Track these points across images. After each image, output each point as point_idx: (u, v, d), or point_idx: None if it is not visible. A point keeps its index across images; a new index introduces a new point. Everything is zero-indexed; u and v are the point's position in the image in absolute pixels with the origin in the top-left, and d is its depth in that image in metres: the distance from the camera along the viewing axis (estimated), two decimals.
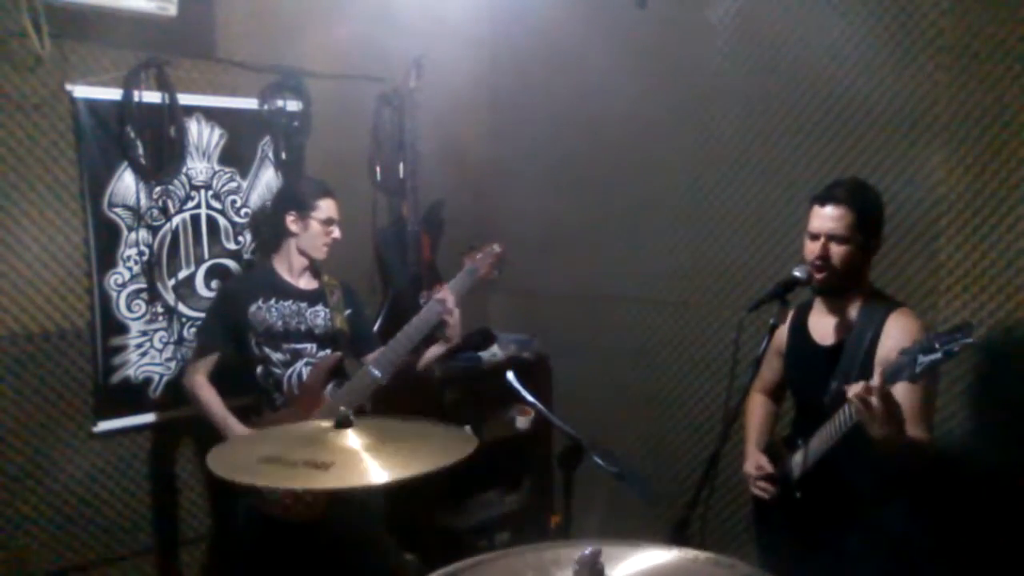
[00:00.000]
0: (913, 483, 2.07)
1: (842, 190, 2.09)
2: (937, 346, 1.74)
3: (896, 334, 2.02)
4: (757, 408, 2.47)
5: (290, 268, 2.72)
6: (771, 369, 2.41)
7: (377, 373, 2.64)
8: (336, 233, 2.71)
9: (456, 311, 2.69)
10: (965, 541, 2.37)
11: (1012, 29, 2.37)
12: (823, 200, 2.10)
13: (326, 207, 2.68)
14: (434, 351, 2.82)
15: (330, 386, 2.69)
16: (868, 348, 2.06)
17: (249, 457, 1.64)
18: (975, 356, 2.46)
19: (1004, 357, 2.45)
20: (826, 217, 2.08)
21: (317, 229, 2.67)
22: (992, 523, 2.40)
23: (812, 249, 2.09)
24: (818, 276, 2.09)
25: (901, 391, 1.92)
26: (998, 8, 2.38)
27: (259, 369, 2.65)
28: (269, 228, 2.99)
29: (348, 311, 2.79)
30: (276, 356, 2.64)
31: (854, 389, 1.84)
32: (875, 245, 2.13)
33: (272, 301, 2.66)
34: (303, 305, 2.70)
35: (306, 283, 2.74)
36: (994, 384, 2.45)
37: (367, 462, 1.61)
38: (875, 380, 1.82)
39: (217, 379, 2.68)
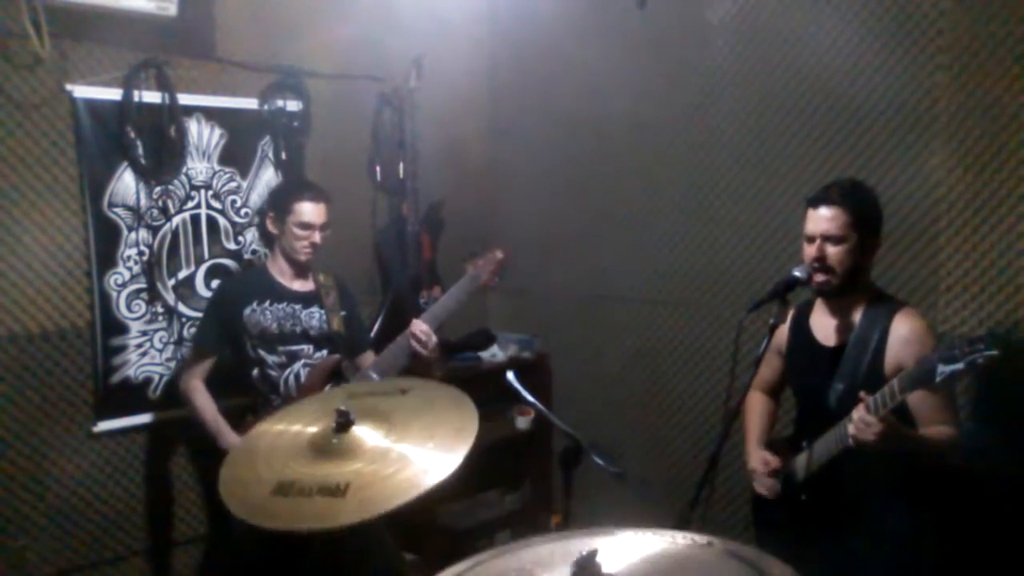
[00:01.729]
0: (917, 486, 2.07)
1: (835, 191, 2.09)
2: (959, 357, 1.73)
3: (903, 334, 2.02)
4: (756, 406, 2.47)
5: (281, 270, 2.72)
6: (770, 367, 2.40)
7: (375, 376, 2.63)
8: (316, 238, 2.65)
9: (432, 343, 2.65)
10: (968, 543, 2.37)
11: (1012, 29, 2.37)
12: (816, 202, 2.09)
13: (303, 210, 2.63)
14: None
15: (327, 388, 2.68)
16: (875, 350, 2.05)
17: (262, 487, 1.58)
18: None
19: (1004, 357, 2.45)
20: (820, 218, 2.07)
21: (292, 232, 2.64)
22: (995, 525, 2.40)
23: (809, 252, 2.09)
24: (817, 278, 2.09)
25: (919, 394, 1.91)
26: (998, 8, 2.38)
27: (255, 371, 2.65)
28: (261, 229, 3.00)
29: (343, 312, 2.78)
30: (272, 359, 2.64)
31: (856, 414, 1.89)
32: (873, 244, 2.12)
33: (266, 304, 2.66)
34: (297, 307, 2.69)
35: (300, 285, 2.73)
36: (994, 384, 2.44)
37: (382, 478, 1.56)
38: (872, 416, 1.86)
39: (213, 380, 2.68)
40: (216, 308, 2.72)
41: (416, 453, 1.61)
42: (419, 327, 2.65)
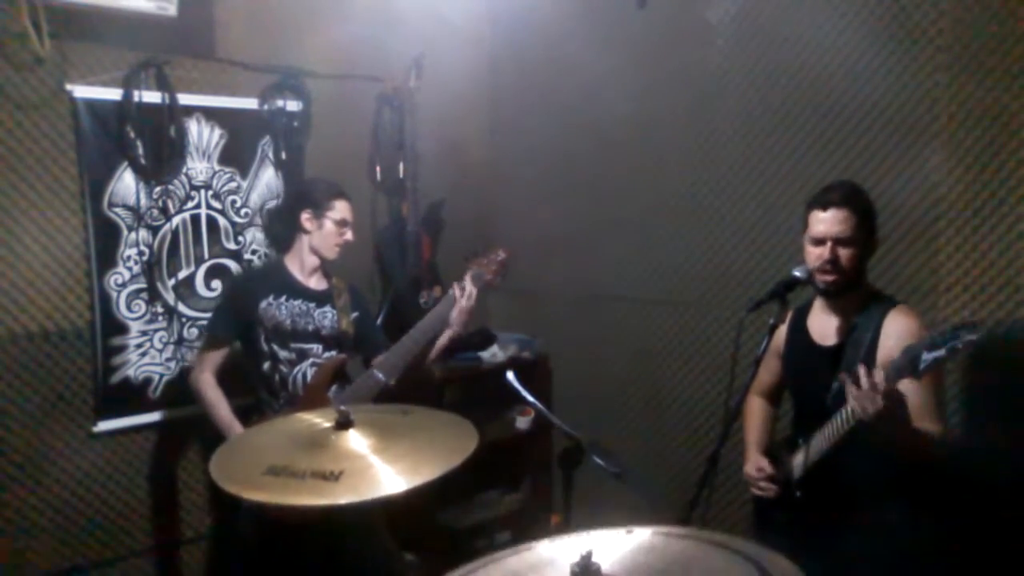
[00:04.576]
0: (913, 482, 2.08)
1: (840, 194, 2.10)
2: (941, 343, 1.74)
3: (896, 332, 2.03)
4: (756, 411, 2.48)
5: (301, 267, 2.72)
6: (769, 371, 2.41)
7: (381, 376, 2.63)
8: (349, 235, 2.71)
9: (472, 299, 2.70)
10: (965, 541, 2.37)
11: (1012, 29, 2.37)
12: (824, 205, 2.10)
13: (341, 208, 2.69)
14: (441, 341, 2.80)
15: (333, 388, 2.69)
16: (868, 347, 2.06)
17: (254, 468, 1.61)
18: (974, 355, 2.46)
19: (1004, 357, 2.45)
20: (831, 221, 2.08)
21: (331, 229, 2.67)
22: (992, 523, 2.40)
23: (819, 254, 2.09)
24: (827, 279, 2.09)
25: (907, 387, 1.92)
26: (998, 8, 2.38)
27: (266, 365, 2.64)
28: (282, 226, 2.99)
29: (355, 314, 2.79)
30: (283, 354, 2.64)
31: (855, 390, 1.85)
32: (874, 245, 2.14)
33: (283, 299, 2.66)
34: (312, 305, 2.69)
35: (316, 283, 2.74)
36: (993, 384, 2.45)
37: (376, 469, 1.58)
38: (878, 379, 1.82)
39: (222, 376, 2.67)
40: (232, 298, 2.71)
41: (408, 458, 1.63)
42: (462, 283, 2.70)
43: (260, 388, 2.67)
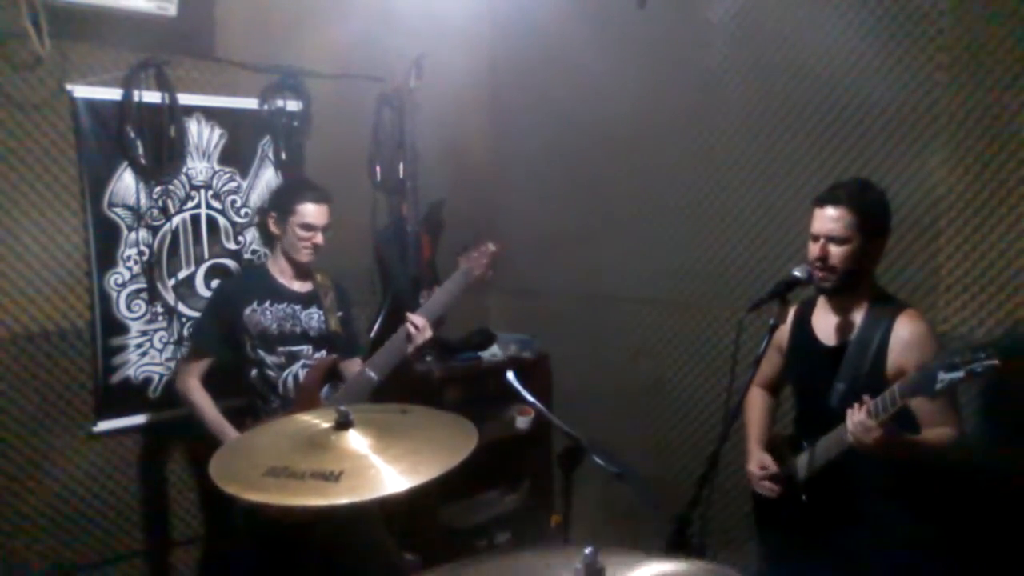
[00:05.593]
0: (920, 487, 2.07)
1: (842, 191, 2.10)
2: (959, 364, 1.73)
3: (905, 337, 2.03)
4: (757, 402, 2.47)
5: (281, 270, 2.72)
6: (771, 364, 2.40)
7: (373, 375, 2.63)
8: (318, 239, 2.65)
9: (426, 335, 2.63)
10: (969, 544, 2.37)
11: (1012, 29, 2.37)
12: (823, 202, 2.11)
13: (306, 212, 2.63)
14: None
15: (325, 388, 2.68)
16: (877, 351, 2.05)
17: (253, 469, 1.61)
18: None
19: (1003, 357, 2.44)
20: (825, 218, 2.08)
21: (294, 233, 2.64)
22: (996, 525, 2.39)
23: (813, 250, 2.10)
24: (818, 276, 2.10)
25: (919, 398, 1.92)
26: (998, 8, 2.38)
27: (254, 372, 2.64)
28: (262, 228, 3.00)
29: (339, 313, 2.78)
30: (271, 359, 2.64)
31: (851, 422, 1.90)
32: (879, 246, 2.13)
33: (267, 304, 2.65)
34: (297, 308, 2.69)
35: (299, 285, 2.73)
36: (994, 384, 2.44)
37: (377, 468, 1.58)
38: (871, 419, 1.88)
39: (211, 380, 2.68)
40: (216, 308, 2.71)
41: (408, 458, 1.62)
42: (414, 318, 2.64)
43: (250, 392, 2.66)
